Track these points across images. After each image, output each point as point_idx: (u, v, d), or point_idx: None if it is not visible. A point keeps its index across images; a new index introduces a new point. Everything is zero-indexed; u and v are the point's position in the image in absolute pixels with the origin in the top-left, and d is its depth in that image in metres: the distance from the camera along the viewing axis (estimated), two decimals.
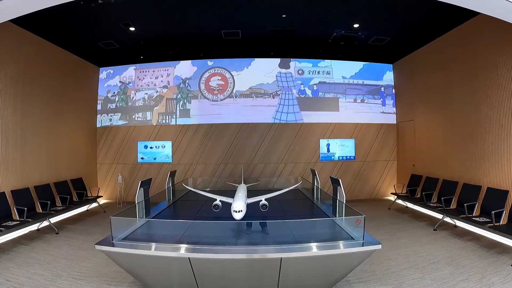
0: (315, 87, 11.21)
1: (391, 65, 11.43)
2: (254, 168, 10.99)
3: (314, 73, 11.25)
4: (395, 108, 11.37)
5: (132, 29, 8.22)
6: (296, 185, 7.51)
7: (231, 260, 3.70)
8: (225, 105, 11.21)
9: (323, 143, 11.11)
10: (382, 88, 11.36)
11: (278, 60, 11.19)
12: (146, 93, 11.33)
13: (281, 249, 3.69)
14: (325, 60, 11.22)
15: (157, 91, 11.30)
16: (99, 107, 11.38)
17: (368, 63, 11.32)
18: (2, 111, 7.03)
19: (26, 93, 7.75)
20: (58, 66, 9.08)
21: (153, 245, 3.88)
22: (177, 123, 11.18)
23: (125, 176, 11.00)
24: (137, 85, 11.36)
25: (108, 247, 3.87)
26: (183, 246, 3.79)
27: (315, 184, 7.32)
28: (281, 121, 11.09)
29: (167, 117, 11.27)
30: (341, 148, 11.14)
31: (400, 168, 11.11)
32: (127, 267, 4.14)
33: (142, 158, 11.15)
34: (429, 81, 9.26)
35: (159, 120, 11.25)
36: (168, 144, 11.09)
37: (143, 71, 11.40)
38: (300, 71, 11.23)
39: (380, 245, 3.78)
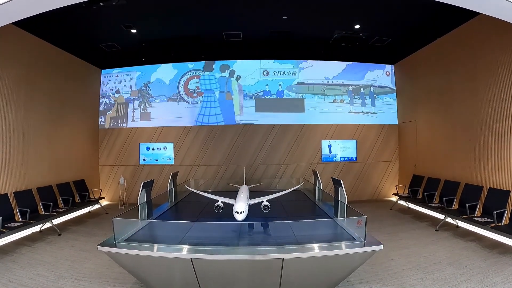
0: (279, 88, 11.23)
1: (373, 64, 11.38)
2: (256, 170, 11.00)
3: (279, 74, 11.25)
4: (363, 108, 11.35)
5: (133, 31, 8.25)
6: (298, 186, 7.50)
7: (233, 261, 3.72)
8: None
9: (324, 144, 11.11)
10: (362, 89, 11.34)
11: (264, 61, 11.23)
12: (106, 98, 11.54)
13: (283, 250, 3.70)
14: (307, 61, 11.25)
15: (110, 96, 11.50)
16: None
17: (351, 63, 11.31)
18: (4, 113, 7.07)
19: (28, 95, 7.79)
20: (60, 68, 9.12)
21: (155, 246, 3.90)
22: (128, 127, 11.37)
23: (127, 178, 11.02)
24: (102, 90, 11.55)
25: (111, 248, 3.88)
26: (185, 247, 3.80)
27: (317, 185, 7.34)
28: (203, 124, 11.20)
29: (118, 120, 11.44)
30: (342, 149, 11.15)
31: (402, 169, 11.11)
32: (130, 268, 4.15)
33: (144, 160, 11.17)
34: (430, 81, 9.26)
35: (111, 124, 11.44)
36: (170, 146, 11.12)
37: (107, 76, 11.56)
38: (265, 72, 11.24)
39: (382, 245, 3.78)
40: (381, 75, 11.45)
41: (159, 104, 11.35)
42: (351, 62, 11.30)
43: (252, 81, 11.25)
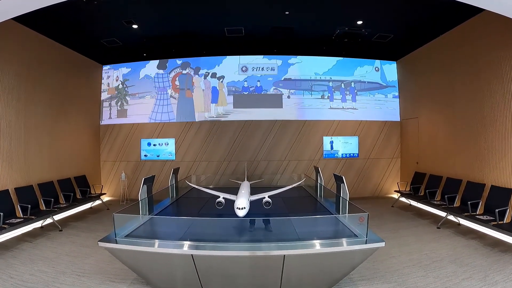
0: (258, 84, 11.20)
1: (363, 60, 11.30)
2: (258, 165, 11.00)
3: (258, 69, 11.21)
4: (344, 104, 11.28)
5: (135, 26, 8.21)
6: (299, 182, 7.51)
7: (234, 257, 3.71)
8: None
9: (326, 140, 11.09)
10: (343, 85, 11.28)
11: (254, 57, 11.19)
12: None
13: (284, 246, 3.69)
14: (297, 56, 11.19)
15: None
16: None
17: (341, 59, 11.23)
18: (5, 109, 7.06)
19: (29, 91, 7.78)
20: (61, 64, 9.10)
21: (156, 242, 3.91)
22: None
23: (129, 174, 11.03)
24: None
25: (111, 244, 3.88)
26: (186, 243, 3.80)
27: (319, 182, 7.32)
28: (156, 121, 11.25)
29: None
30: (344, 145, 11.12)
31: (404, 166, 11.08)
32: (130, 264, 4.15)
33: (145, 156, 11.17)
34: (433, 78, 9.22)
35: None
36: (172, 142, 11.11)
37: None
38: (244, 68, 11.20)
39: (383, 242, 3.77)
40: (370, 70, 11.39)
41: (137, 100, 11.41)
42: (341, 58, 11.23)
43: (234, 77, 11.24)
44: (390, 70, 11.45)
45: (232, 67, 11.22)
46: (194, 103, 11.25)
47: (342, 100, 11.28)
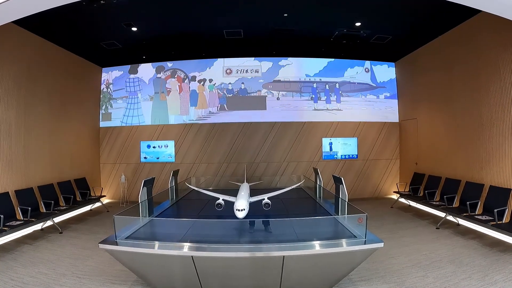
0: (242, 86, 11.24)
1: (353, 61, 11.32)
2: (257, 167, 11.01)
3: (241, 71, 11.25)
4: (328, 105, 11.27)
5: (134, 29, 8.24)
6: (299, 183, 7.52)
7: (234, 258, 3.72)
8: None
9: (325, 141, 11.11)
10: (327, 86, 11.28)
11: (246, 59, 11.22)
12: None
13: (283, 247, 3.70)
14: (288, 58, 11.20)
15: None
16: None
17: (332, 60, 11.25)
18: (5, 112, 7.07)
19: (29, 94, 7.79)
20: (61, 66, 9.11)
21: (156, 243, 3.91)
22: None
23: (128, 176, 11.04)
24: None
25: (112, 245, 3.90)
26: (186, 245, 3.82)
27: (318, 183, 7.34)
28: (127, 124, 11.35)
29: None
30: (343, 146, 11.14)
31: (403, 167, 11.10)
32: (131, 266, 4.16)
33: (145, 158, 11.18)
34: (432, 79, 9.24)
35: None
36: (171, 144, 11.13)
37: None
38: (228, 70, 11.24)
39: (382, 243, 3.79)
40: (360, 71, 11.40)
41: (121, 104, 11.47)
42: (332, 59, 11.24)
43: (223, 80, 11.29)
44: (381, 71, 11.47)
45: (219, 70, 11.26)
46: (168, 106, 11.33)
47: (327, 101, 11.28)
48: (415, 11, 7.39)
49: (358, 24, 8.23)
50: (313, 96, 11.27)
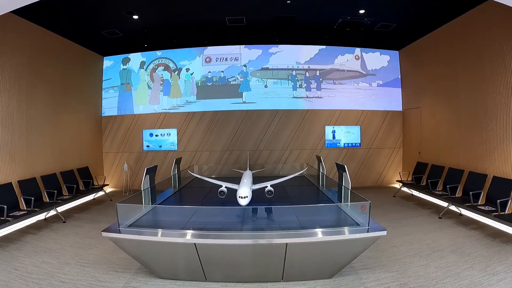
0: (222, 74, 11.16)
1: (343, 48, 11.16)
2: (260, 155, 11.00)
3: (222, 60, 11.16)
4: (308, 93, 11.19)
5: (135, 17, 8.14)
6: (302, 171, 7.50)
7: (236, 245, 3.74)
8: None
9: (328, 129, 11.07)
10: (307, 73, 11.15)
11: (234, 47, 11.13)
12: None
13: (286, 235, 3.72)
14: (278, 45, 11.07)
15: None
16: None
17: (324, 47, 11.11)
18: (7, 102, 7.05)
19: (30, 84, 7.76)
20: (62, 56, 9.06)
21: (159, 231, 3.93)
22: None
23: (131, 164, 11.06)
24: None
25: (115, 233, 3.92)
26: (189, 232, 3.83)
27: (321, 171, 7.33)
28: (107, 115, 11.39)
29: None
30: (346, 135, 11.10)
31: (406, 156, 11.07)
32: (134, 254, 4.19)
33: (147, 146, 11.19)
34: (435, 68, 9.14)
35: None
36: (174, 132, 11.12)
37: None
38: (207, 59, 11.16)
39: (386, 231, 3.79)
40: (351, 59, 11.25)
41: (112, 94, 11.44)
42: (324, 47, 11.10)
43: (198, 69, 11.23)
44: (372, 58, 11.29)
45: (199, 59, 11.22)
46: (133, 97, 11.36)
47: (307, 89, 11.18)
48: None
49: (362, 11, 8.10)
50: (293, 84, 11.17)
